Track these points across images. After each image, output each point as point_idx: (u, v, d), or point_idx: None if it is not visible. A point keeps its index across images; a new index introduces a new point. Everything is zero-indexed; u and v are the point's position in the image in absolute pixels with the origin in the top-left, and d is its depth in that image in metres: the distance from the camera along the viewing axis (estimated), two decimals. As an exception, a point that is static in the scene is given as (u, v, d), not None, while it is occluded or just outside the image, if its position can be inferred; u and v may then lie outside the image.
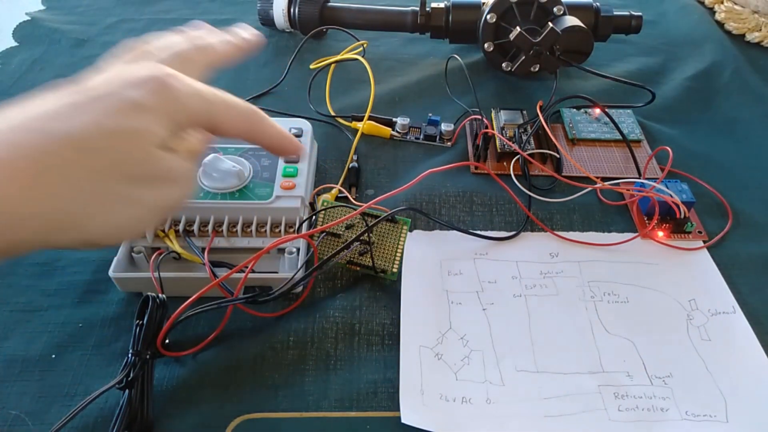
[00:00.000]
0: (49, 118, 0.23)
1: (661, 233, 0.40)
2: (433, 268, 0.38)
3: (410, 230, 0.39)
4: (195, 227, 0.37)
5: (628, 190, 0.42)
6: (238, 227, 0.37)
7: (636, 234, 0.40)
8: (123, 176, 0.24)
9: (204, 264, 0.34)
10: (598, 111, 0.50)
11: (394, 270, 0.36)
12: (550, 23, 0.49)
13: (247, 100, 0.51)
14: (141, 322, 0.31)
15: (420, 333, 0.34)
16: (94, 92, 0.24)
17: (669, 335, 0.35)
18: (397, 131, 0.49)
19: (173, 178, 0.26)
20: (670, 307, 0.36)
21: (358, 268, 0.37)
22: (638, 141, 0.48)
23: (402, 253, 0.37)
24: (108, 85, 0.25)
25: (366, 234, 0.36)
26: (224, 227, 0.37)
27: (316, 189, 0.42)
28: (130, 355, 0.30)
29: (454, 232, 0.40)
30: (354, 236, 0.36)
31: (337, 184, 0.43)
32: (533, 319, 0.35)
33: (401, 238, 0.37)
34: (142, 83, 0.25)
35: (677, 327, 0.35)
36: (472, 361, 0.33)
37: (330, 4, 0.58)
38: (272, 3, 0.59)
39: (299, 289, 0.36)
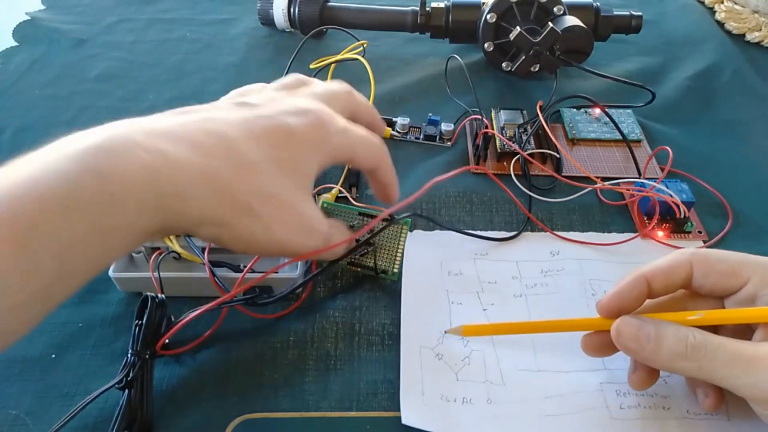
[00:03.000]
0: (221, 123, 0.26)
1: (661, 233, 0.40)
2: (433, 268, 0.38)
3: (410, 230, 0.39)
4: (195, 227, 0.36)
5: (628, 190, 0.42)
6: (238, 227, 0.37)
7: (636, 234, 0.40)
8: (268, 202, 0.27)
9: (204, 264, 0.34)
10: (598, 111, 0.50)
11: (395, 270, 0.36)
12: (550, 23, 0.49)
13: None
14: (140, 322, 0.31)
15: (420, 333, 0.34)
16: (260, 110, 0.28)
17: None
18: (397, 131, 0.49)
19: (308, 228, 0.29)
20: None
21: (359, 269, 0.37)
22: (638, 141, 0.48)
23: (402, 254, 0.37)
24: (272, 107, 0.28)
25: (369, 236, 0.36)
26: (224, 227, 0.37)
27: (316, 189, 0.41)
28: (129, 355, 0.30)
29: (455, 232, 0.40)
30: (360, 242, 0.36)
31: (336, 183, 0.42)
32: (534, 318, 0.35)
33: (401, 239, 0.37)
34: (302, 113, 0.28)
35: None
36: (472, 361, 0.33)
37: (330, 3, 0.58)
38: (272, 3, 0.59)
39: (300, 289, 0.36)
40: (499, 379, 0.32)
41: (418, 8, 0.56)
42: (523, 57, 0.51)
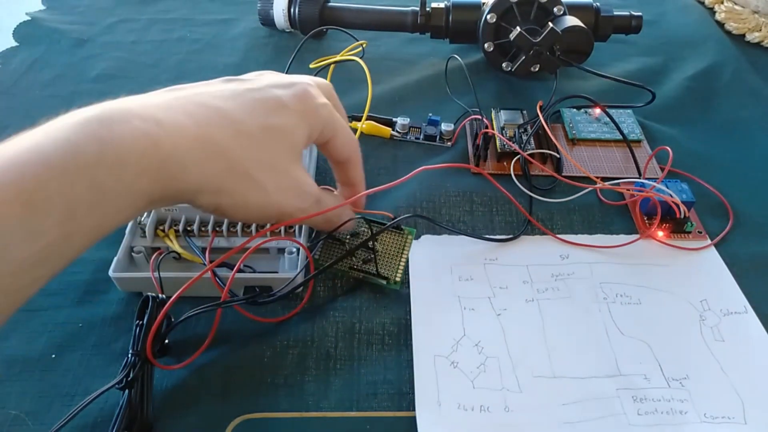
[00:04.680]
0: (213, 97, 0.28)
1: (660, 233, 0.40)
2: (443, 273, 0.37)
3: (415, 238, 0.39)
4: (195, 227, 0.37)
5: (628, 190, 0.42)
6: (238, 227, 0.37)
7: (638, 235, 0.40)
8: (264, 167, 0.28)
9: (204, 264, 0.34)
10: (598, 111, 0.50)
11: (397, 279, 0.36)
12: (550, 23, 0.49)
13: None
14: (141, 322, 0.31)
15: (434, 342, 0.34)
16: (249, 84, 0.30)
17: (683, 336, 0.34)
18: (397, 131, 0.49)
19: (301, 191, 0.30)
20: (682, 308, 0.36)
21: (361, 275, 0.37)
22: (638, 141, 0.48)
23: (406, 262, 0.37)
24: (260, 81, 0.30)
25: (371, 242, 0.36)
26: (224, 227, 0.37)
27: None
28: (130, 355, 0.30)
29: (461, 236, 0.40)
30: (358, 243, 0.36)
31: (336, 187, 0.42)
32: (547, 323, 0.35)
33: (405, 247, 0.37)
34: (289, 86, 0.30)
35: (690, 328, 0.35)
36: (488, 368, 0.32)
37: (330, 4, 0.58)
38: (272, 3, 0.59)
39: (300, 288, 0.36)
40: (515, 387, 0.32)
41: (418, 8, 0.56)
42: (523, 57, 0.51)
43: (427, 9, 0.56)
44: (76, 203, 0.22)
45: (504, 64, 0.54)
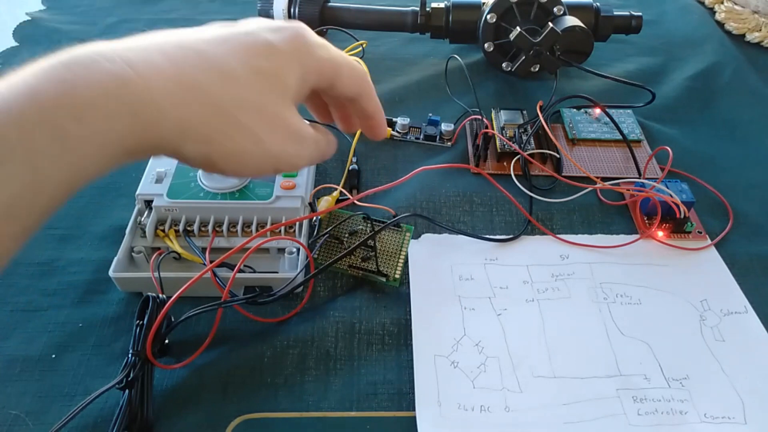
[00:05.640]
0: (196, 41, 0.25)
1: (660, 233, 0.40)
2: (443, 272, 0.37)
3: (414, 236, 0.39)
4: (195, 227, 0.37)
5: (628, 190, 0.42)
6: (238, 227, 0.37)
7: (638, 235, 0.40)
8: (253, 111, 0.26)
9: (204, 264, 0.34)
10: (598, 111, 0.50)
11: (396, 276, 0.36)
12: (550, 23, 0.49)
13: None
14: (141, 322, 0.31)
15: (434, 341, 0.34)
16: (236, 28, 0.27)
17: (683, 336, 0.34)
18: (397, 131, 0.49)
19: (298, 136, 0.28)
20: (682, 308, 0.36)
21: (360, 273, 0.37)
22: (638, 141, 0.48)
23: (405, 259, 0.37)
24: (250, 25, 0.28)
25: (370, 240, 0.36)
26: (224, 227, 0.37)
27: (317, 188, 0.41)
28: (130, 355, 0.30)
29: (461, 236, 0.40)
30: (358, 242, 0.36)
31: (336, 183, 0.42)
32: (547, 323, 0.35)
33: (404, 245, 0.37)
34: (281, 29, 0.27)
35: (690, 328, 0.35)
36: (488, 368, 0.33)
37: (330, 4, 0.58)
38: (272, 3, 0.59)
39: (300, 288, 0.36)
40: (516, 387, 0.32)
41: (418, 8, 0.56)
42: (523, 57, 0.51)
43: (427, 9, 0.56)
44: (38, 152, 0.21)
45: (504, 64, 0.54)
